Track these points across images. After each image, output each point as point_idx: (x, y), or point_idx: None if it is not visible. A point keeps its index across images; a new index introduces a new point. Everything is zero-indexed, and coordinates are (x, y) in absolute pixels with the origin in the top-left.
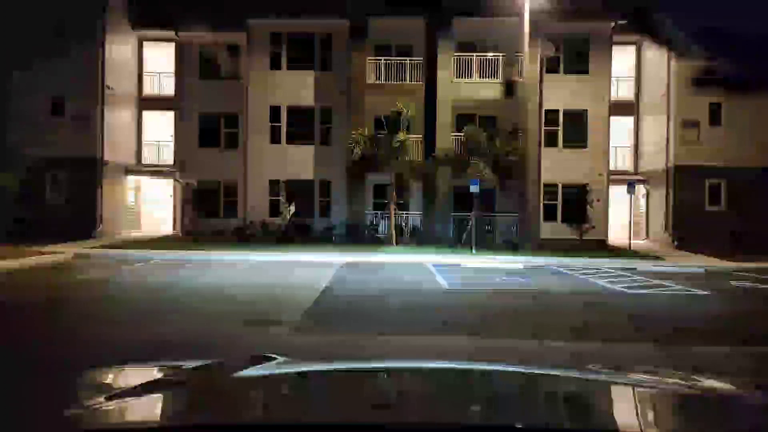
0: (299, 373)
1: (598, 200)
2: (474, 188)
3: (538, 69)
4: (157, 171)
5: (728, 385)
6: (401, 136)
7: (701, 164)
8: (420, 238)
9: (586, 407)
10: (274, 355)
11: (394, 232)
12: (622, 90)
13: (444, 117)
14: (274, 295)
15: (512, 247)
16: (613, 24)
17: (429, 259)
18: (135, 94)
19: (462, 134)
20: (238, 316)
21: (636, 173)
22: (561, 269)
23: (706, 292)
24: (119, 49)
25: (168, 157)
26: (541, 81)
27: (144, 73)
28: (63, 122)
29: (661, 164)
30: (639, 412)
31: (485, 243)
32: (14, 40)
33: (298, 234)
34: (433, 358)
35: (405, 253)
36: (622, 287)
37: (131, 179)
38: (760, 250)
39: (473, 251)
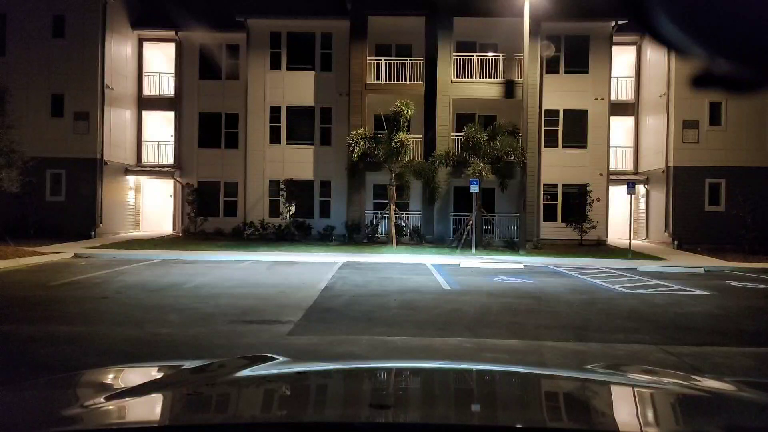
0: (299, 373)
1: (598, 200)
2: (474, 188)
3: (538, 69)
4: (157, 171)
5: (728, 385)
6: (401, 136)
7: (701, 164)
8: (420, 238)
9: (586, 407)
10: (274, 355)
11: (394, 232)
12: (622, 90)
13: (444, 117)
14: (274, 295)
15: (512, 247)
16: (613, 24)
17: (429, 259)
18: (135, 94)
19: (462, 134)
20: (238, 316)
21: (636, 173)
22: (561, 269)
23: (705, 293)
24: (119, 48)
25: (168, 157)
26: (541, 81)
27: (144, 73)
28: (63, 122)
29: (661, 164)
30: (639, 412)
31: (485, 243)
32: (14, 40)
33: (298, 234)
34: (433, 358)
35: (405, 253)
36: (622, 287)
37: (131, 179)
38: (760, 250)
39: (473, 251)
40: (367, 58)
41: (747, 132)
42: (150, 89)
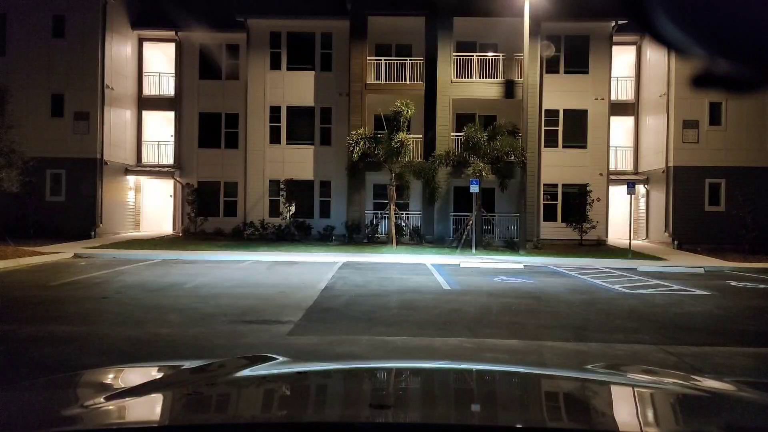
0: (299, 373)
1: (598, 200)
2: (474, 188)
3: (538, 69)
4: (157, 171)
5: (728, 385)
6: (401, 136)
7: (701, 164)
8: (420, 238)
9: (586, 407)
10: (274, 355)
11: (393, 232)
12: (622, 90)
13: (444, 117)
14: (274, 295)
15: (512, 247)
16: (613, 24)
17: (429, 259)
18: (135, 94)
19: (462, 134)
20: (238, 316)
21: (636, 173)
22: (561, 269)
23: (705, 293)
24: (119, 48)
25: (168, 157)
26: (541, 81)
27: (144, 73)
28: (63, 122)
29: (661, 164)
30: (639, 412)
31: (485, 243)
32: (14, 40)
33: (298, 234)
34: (433, 358)
35: (405, 253)
36: (622, 287)
37: (131, 179)
38: (760, 250)
39: (473, 251)
40: (367, 58)
41: (747, 132)
42: (150, 89)
